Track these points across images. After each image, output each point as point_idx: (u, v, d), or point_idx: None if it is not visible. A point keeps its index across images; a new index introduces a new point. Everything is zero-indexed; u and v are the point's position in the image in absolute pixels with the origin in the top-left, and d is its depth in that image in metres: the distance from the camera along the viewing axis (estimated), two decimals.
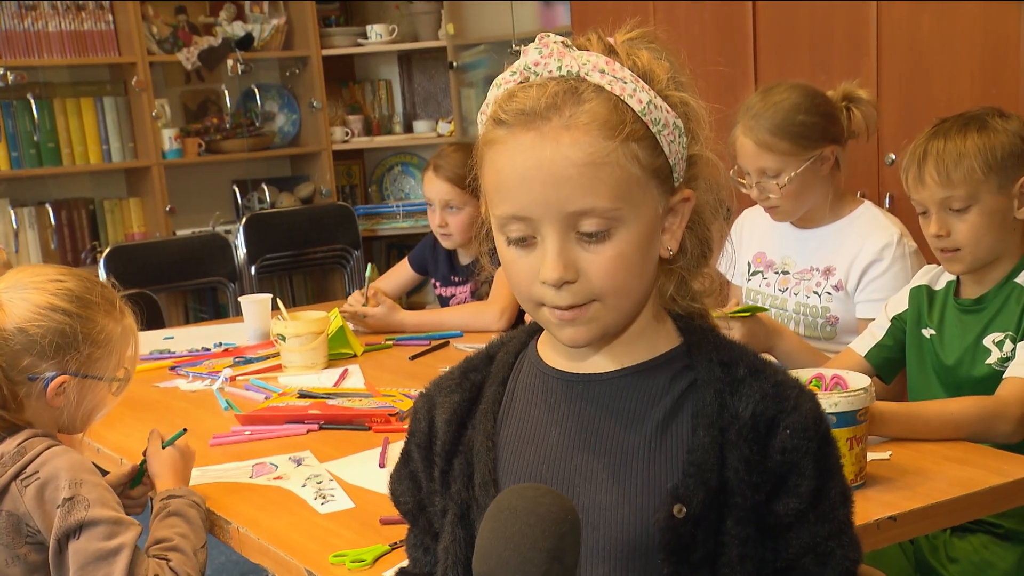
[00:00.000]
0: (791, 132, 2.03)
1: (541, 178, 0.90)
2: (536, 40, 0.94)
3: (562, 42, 0.94)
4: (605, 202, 0.90)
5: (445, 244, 2.79)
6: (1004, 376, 1.68)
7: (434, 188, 2.73)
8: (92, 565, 1.33)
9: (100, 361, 1.48)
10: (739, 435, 0.93)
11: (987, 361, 1.74)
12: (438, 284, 2.92)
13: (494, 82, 0.96)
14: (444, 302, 2.90)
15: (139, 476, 1.60)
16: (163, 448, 1.59)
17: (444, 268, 2.88)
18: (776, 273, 2.25)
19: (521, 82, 0.93)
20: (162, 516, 1.47)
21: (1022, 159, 1.71)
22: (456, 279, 2.85)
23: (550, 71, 0.92)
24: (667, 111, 0.93)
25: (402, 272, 3.00)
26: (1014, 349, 1.71)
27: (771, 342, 1.94)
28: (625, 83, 0.91)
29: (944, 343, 1.81)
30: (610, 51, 0.94)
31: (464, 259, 2.82)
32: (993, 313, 1.76)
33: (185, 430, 1.66)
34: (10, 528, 1.37)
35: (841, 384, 1.52)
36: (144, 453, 1.60)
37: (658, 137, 0.92)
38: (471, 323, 2.61)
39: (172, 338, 2.74)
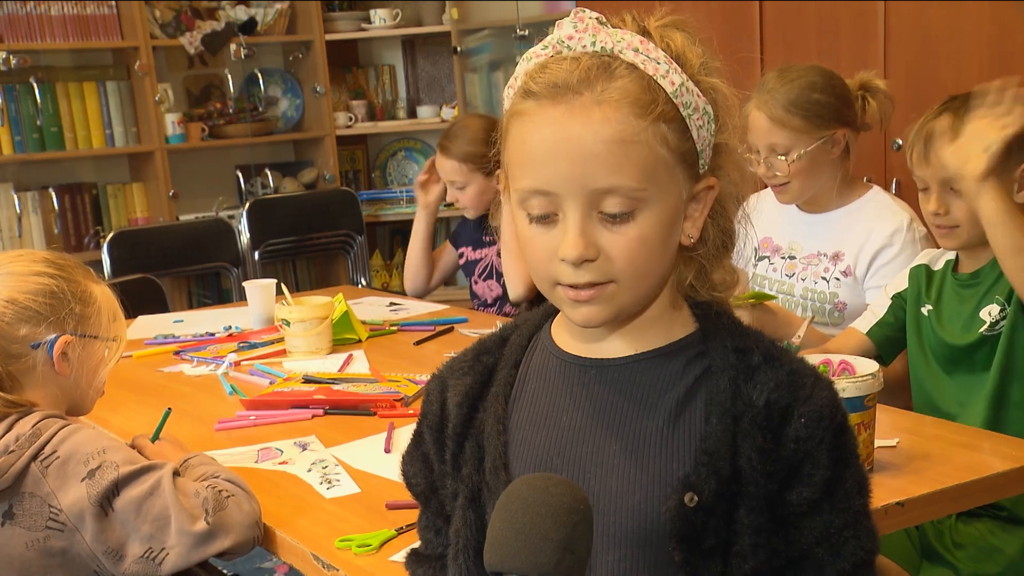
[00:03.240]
0: (805, 109, 2.04)
1: (568, 153, 0.89)
2: (571, 14, 0.93)
3: (597, 18, 0.93)
4: (631, 181, 0.89)
5: (467, 215, 2.89)
6: None
7: (442, 168, 2.83)
8: (145, 505, 1.35)
9: (92, 319, 1.49)
10: (753, 423, 0.93)
11: (980, 330, 1.76)
12: (468, 250, 2.95)
13: (524, 55, 0.95)
14: (471, 267, 2.94)
15: (156, 434, 1.64)
16: (153, 442, 1.61)
17: (474, 231, 2.92)
18: (783, 258, 2.25)
19: (553, 55, 0.92)
20: (190, 470, 1.50)
21: None
22: (487, 239, 2.89)
23: (583, 46, 0.91)
24: (698, 96, 0.92)
25: (446, 255, 3.05)
26: (1002, 311, 1.74)
27: (782, 332, 1.94)
28: (659, 64, 0.91)
29: (942, 317, 1.83)
30: (644, 32, 0.93)
31: (495, 220, 2.84)
32: (988, 286, 1.78)
33: (169, 410, 1.67)
34: (32, 510, 1.37)
35: (849, 369, 1.52)
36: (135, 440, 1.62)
37: (688, 121, 0.92)
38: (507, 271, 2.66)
39: (182, 321, 2.74)
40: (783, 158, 2.07)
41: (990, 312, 1.76)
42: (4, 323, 1.42)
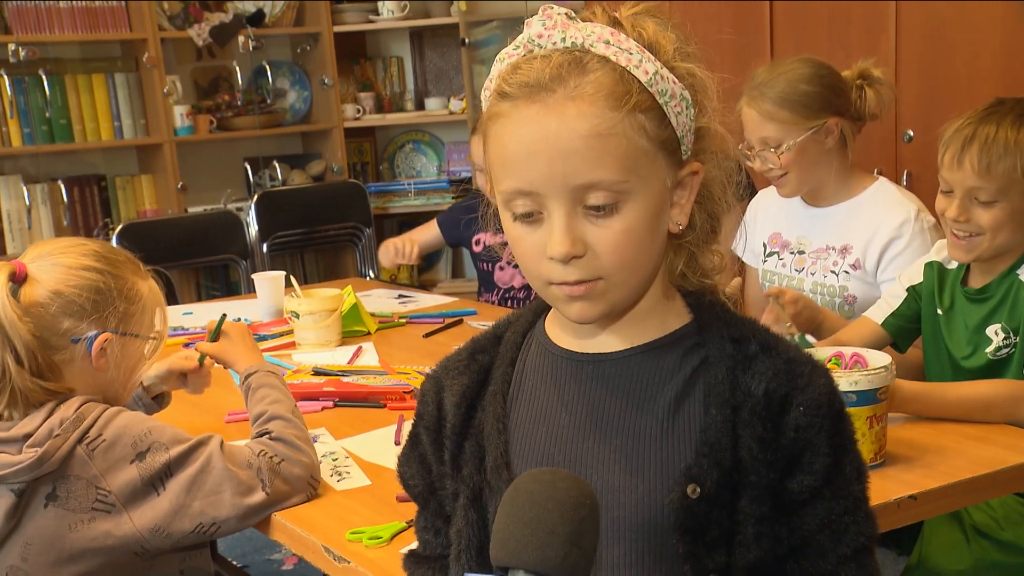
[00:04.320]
0: (792, 101, 2.05)
1: (547, 151, 0.88)
2: (539, 12, 0.93)
3: (566, 14, 0.92)
4: (612, 174, 0.88)
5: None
6: None
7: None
8: (197, 483, 1.40)
9: (135, 318, 1.51)
10: (752, 413, 0.92)
11: (987, 350, 1.74)
12: (485, 236, 2.86)
13: (498, 56, 0.94)
14: (493, 252, 2.85)
15: (215, 333, 1.75)
16: (211, 342, 1.71)
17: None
18: (792, 253, 2.24)
19: (525, 55, 0.92)
20: (250, 394, 1.57)
21: None
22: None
23: (554, 43, 0.91)
24: (674, 82, 0.92)
25: (431, 231, 2.98)
26: (1006, 339, 1.71)
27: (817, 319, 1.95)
28: (631, 54, 0.90)
29: (952, 328, 1.81)
30: (615, 23, 0.93)
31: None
32: (996, 303, 1.76)
33: (224, 315, 1.79)
34: (78, 492, 1.39)
35: (861, 362, 1.51)
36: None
37: (665, 108, 0.91)
38: None
39: (191, 314, 2.75)
40: (775, 151, 2.08)
41: (996, 332, 1.74)
42: (48, 315, 1.43)
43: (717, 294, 1.01)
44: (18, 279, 1.42)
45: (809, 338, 1.92)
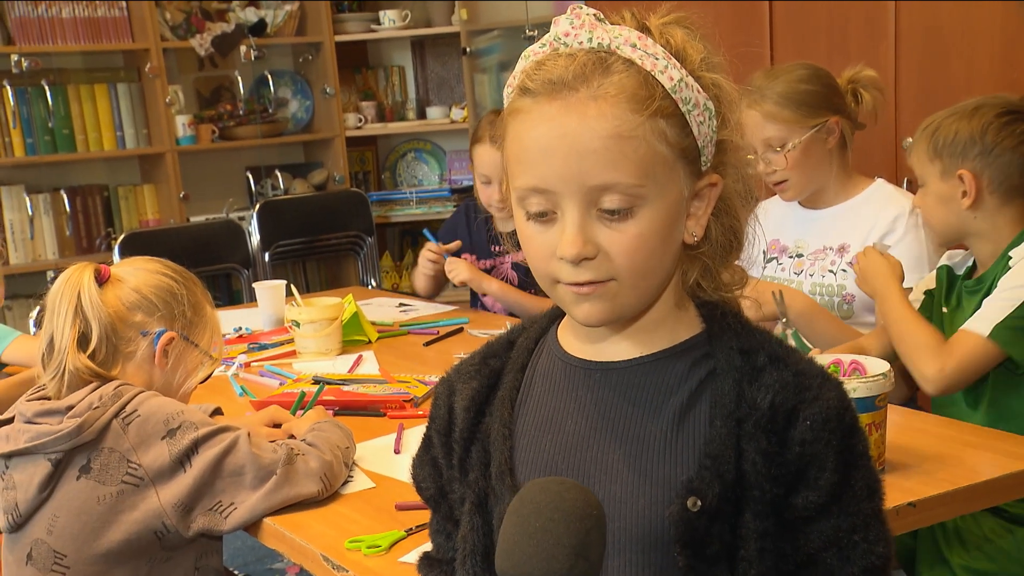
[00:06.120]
0: (794, 100, 2.08)
1: (564, 150, 0.88)
2: (568, 11, 0.92)
3: (594, 15, 0.92)
4: (629, 178, 0.88)
5: (504, 217, 2.63)
6: (961, 327, 1.71)
7: (493, 162, 2.54)
8: (222, 462, 1.45)
9: (198, 328, 1.62)
10: (757, 426, 0.91)
11: None
12: (472, 259, 2.80)
13: (523, 54, 0.94)
14: None
15: (297, 404, 1.83)
16: (298, 416, 1.76)
17: (482, 238, 2.74)
18: (790, 257, 2.25)
19: (550, 53, 0.91)
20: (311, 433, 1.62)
21: (965, 151, 1.73)
22: (496, 248, 2.72)
23: (580, 42, 0.90)
24: (698, 91, 0.91)
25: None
26: None
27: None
28: (657, 59, 0.90)
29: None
30: (643, 29, 0.92)
31: (506, 226, 2.63)
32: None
33: (322, 386, 1.89)
34: (111, 465, 1.46)
35: (860, 370, 1.51)
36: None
37: (687, 116, 0.90)
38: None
39: None
40: (779, 151, 2.09)
41: None
42: (125, 307, 1.55)
43: (733, 305, 0.99)
44: (102, 278, 1.55)
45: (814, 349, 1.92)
